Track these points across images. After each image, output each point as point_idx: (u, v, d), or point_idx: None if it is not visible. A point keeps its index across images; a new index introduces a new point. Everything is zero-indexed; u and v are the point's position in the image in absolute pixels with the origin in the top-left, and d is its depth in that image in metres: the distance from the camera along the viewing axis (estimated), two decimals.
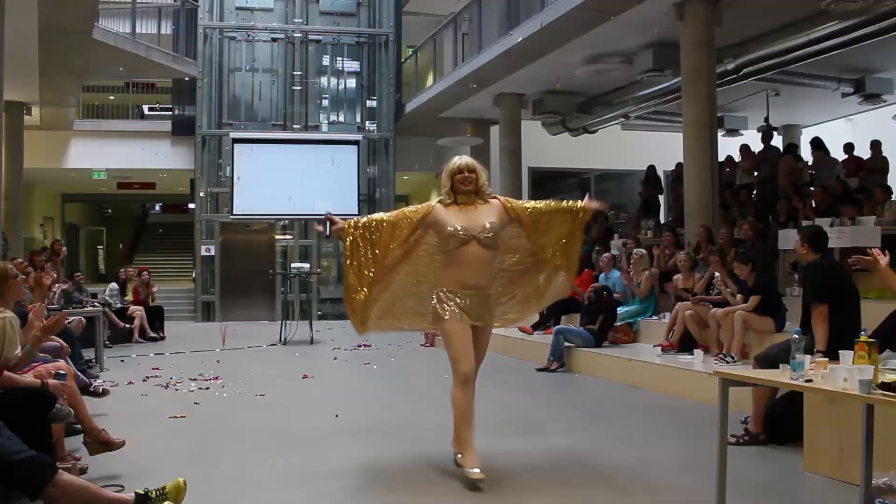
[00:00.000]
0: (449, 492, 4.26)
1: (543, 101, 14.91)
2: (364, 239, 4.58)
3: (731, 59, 11.07)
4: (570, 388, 7.91)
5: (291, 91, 17.93)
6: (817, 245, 5.31)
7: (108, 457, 4.65)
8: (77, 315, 9.44)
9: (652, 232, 12.08)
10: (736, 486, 4.03)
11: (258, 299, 17.23)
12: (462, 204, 4.51)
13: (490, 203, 4.59)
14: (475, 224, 4.42)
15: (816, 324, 5.03)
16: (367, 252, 4.58)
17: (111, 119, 20.36)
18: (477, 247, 4.40)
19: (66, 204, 25.97)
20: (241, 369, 9.16)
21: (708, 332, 7.91)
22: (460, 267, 4.44)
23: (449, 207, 4.52)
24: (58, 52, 12.59)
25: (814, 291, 5.15)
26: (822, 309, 5.03)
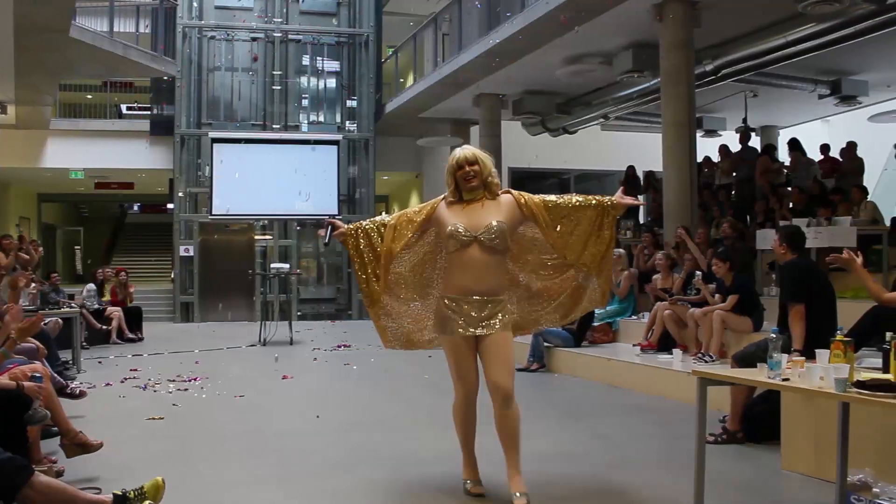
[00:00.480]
0: (427, 492, 4.26)
1: (523, 102, 14.94)
2: (366, 244, 4.22)
3: (710, 61, 11.16)
4: (550, 389, 7.93)
5: (271, 91, 17.84)
6: (795, 245, 5.36)
7: (85, 459, 4.61)
8: (54, 316, 9.34)
9: (631, 232, 12.14)
10: (714, 484, 4.05)
11: (237, 300, 17.15)
12: (468, 201, 4.10)
13: (499, 199, 4.16)
14: (478, 223, 3.96)
15: (793, 323, 5.07)
16: (369, 256, 4.22)
17: (89, 118, 20.16)
18: (479, 249, 3.93)
19: (43, 204, 25.69)
20: (220, 370, 9.11)
21: (686, 332, 7.96)
22: (462, 271, 3.97)
23: (452, 205, 4.12)
24: (34, 50, 12.45)
25: (790, 291, 5.19)
26: (799, 308, 5.07)
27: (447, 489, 4.30)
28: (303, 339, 12.54)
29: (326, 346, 11.58)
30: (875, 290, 4.84)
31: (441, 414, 6.49)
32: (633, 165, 15.33)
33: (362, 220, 4.38)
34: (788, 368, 3.59)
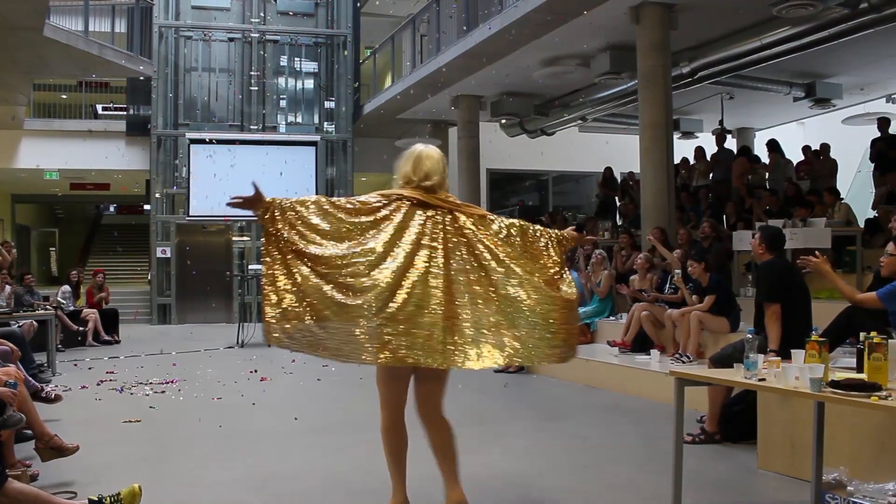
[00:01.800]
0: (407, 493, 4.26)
1: (501, 103, 14.97)
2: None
3: (687, 63, 11.24)
4: (528, 389, 7.95)
5: (248, 91, 17.75)
6: (774, 245, 5.39)
7: (60, 463, 4.57)
8: (28, 318, 9.24)
9: (609, 233, 12.21)
10: (692, 483, 4.08)
11: (215, 301, 17.04)
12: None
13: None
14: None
15: (769, 323, 5.12)
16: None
17: (63, 118, 19.95)
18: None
19: (17, 205, 25.38)
20: (197, 372, 9.05)
21: (664, 333, 8.01)
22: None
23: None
24: (6, 48, 12.31)
25: (767, 291, 5.23)
26: (775, 308, 5.11)
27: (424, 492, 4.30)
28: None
29: None
30: (847, 291, 4.90)
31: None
32: (611, 167, 15.44)
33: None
34: (764, 368, 3.63)
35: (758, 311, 5.37)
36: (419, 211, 3.65)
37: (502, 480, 4.50)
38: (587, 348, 9.08)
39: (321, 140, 17.89)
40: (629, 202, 13.33)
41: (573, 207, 18.44)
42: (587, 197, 19.86)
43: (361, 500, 4.19)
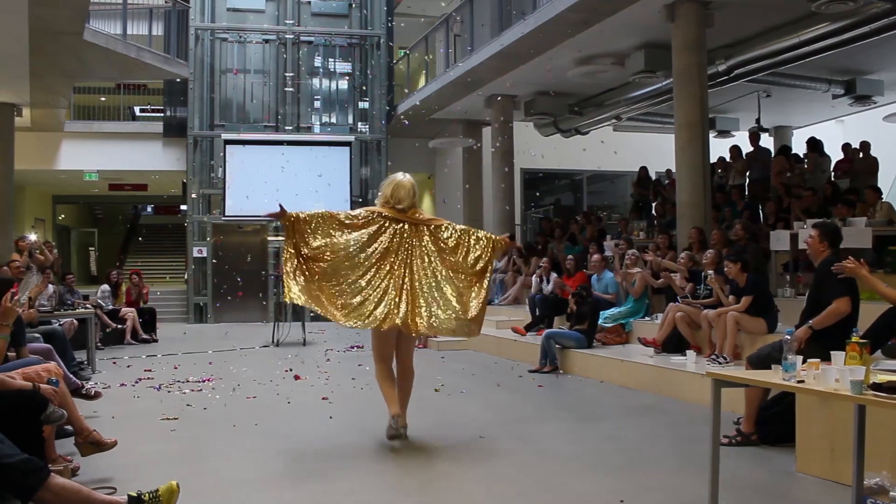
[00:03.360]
0: (443, 494, 4.26)
1: (535, 103, 14.92)
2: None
3: (723, 61, 11.12)
4: (562, 390, 7.91)
5: (283, 92, 17.89)
6: (834, 241, 5.26)
7: (99, 458, 4.64)
8: (69, 317, 9.42)
9: (644, 233, 12.11)
10: (728, 486, 4.04)
11: (251, 301, 17.20)
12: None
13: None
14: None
15: (833, 314, 4.99)
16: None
17: (102, 120, 20.27)
18: None
19: (58, 205, 25.84)
20: (233, 371, 9.14)
21: (700, 333, 7.93)
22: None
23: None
24: (48, 53, 12.53)
25: (836, 284, 5.07)
26: (847, 300, 4.99)
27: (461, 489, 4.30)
28: (315, 340, 12.57)
29: (339, 347, 11.60)
30: (889, 293, 4.82)
31: (454, 415, 6.51)
32: (646, 166, 15.32)
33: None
34: (803, 370, 3.58)
35: (811, 309, 5.24)
36: (392, 224, 5.36)
37: (536, 481, 4.48)
38: (621, 349, 9.03)
39: (355, 140, 17.99)
40: (663, 202, 13.22)
41: (608, 207, 18.34)
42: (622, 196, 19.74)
43: (396, 499, 4.19)
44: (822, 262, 5.27)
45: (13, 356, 5.48)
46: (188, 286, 17.66)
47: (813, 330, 5.09)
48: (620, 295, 9.91)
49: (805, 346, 4.97)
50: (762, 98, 13.91)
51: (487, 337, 11.26)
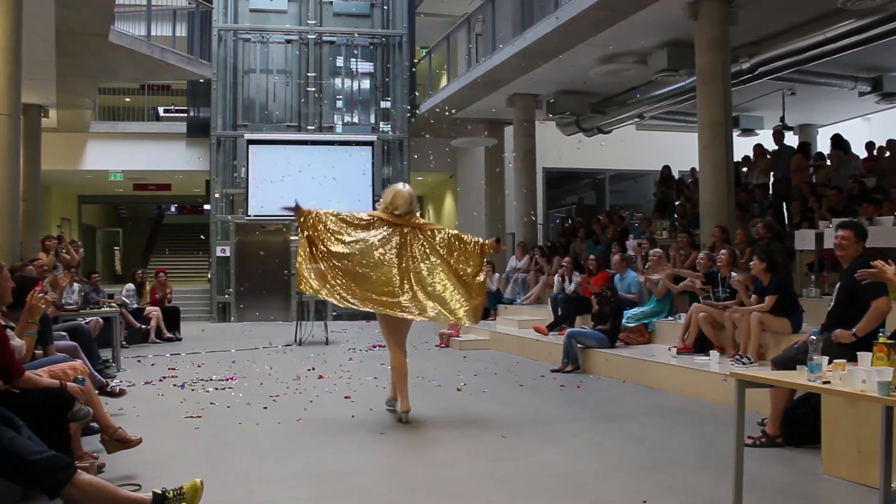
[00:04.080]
0: (465, 493, 4.27)
1: (558, 102, 14.88)
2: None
3: (747, 59, 11.03)
4: (585, 390, 7.88)
5: (305, 92, 17.97)
6: (863, 237, 5.19)
7: (124, 455, 4.69)
8: (94, 315, 9.51)
9: (667, 232, 12.04)
10: (753, 487, 4.01)
11: (273, 300, 17.30)
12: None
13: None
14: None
15: (874, 317, 4.90)
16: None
17: (127, 121, 20.48)
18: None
19: (83, 205, 26.13)
20: (256, 369, 9.19)
21: (724, 334, 7.87)
22: None
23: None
24: (74, 54, 12.67)
25: (876, 284, 4.98)
26: (886, 299, 4.90)
27: (483, 488, 4.30)
28: (338, 339, 12.61)
29: (361, 346, 11.63)
30: None
31: (476, 415, 6.51)
32: (669, 165, 15.24)
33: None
34: (829, 371, 3.54)
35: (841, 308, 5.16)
36: (390, 228, 6.15)
37: (559, 481, 4.47)
38: (645, 349, 8.98)
39: (377, 140, 18.03)
40: (685, 201, 13.14)
41: (631, 206, 18.25)
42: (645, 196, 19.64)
43: (418, 498, 4.20)
44: (858, 260, 5.15)
45: (40, 354, 5.55)
46: (211, 285, 17.78)
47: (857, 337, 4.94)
48: (643, 294, 9.86)
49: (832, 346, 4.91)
50: (787, 96, 13.78)
51: (509, 336, 11.26)
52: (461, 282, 6.22)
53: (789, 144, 12.91)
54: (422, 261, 6.17)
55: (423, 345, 11.96)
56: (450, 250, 6.24)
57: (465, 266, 6.25)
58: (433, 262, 6.19)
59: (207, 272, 18.75)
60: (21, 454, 3.38)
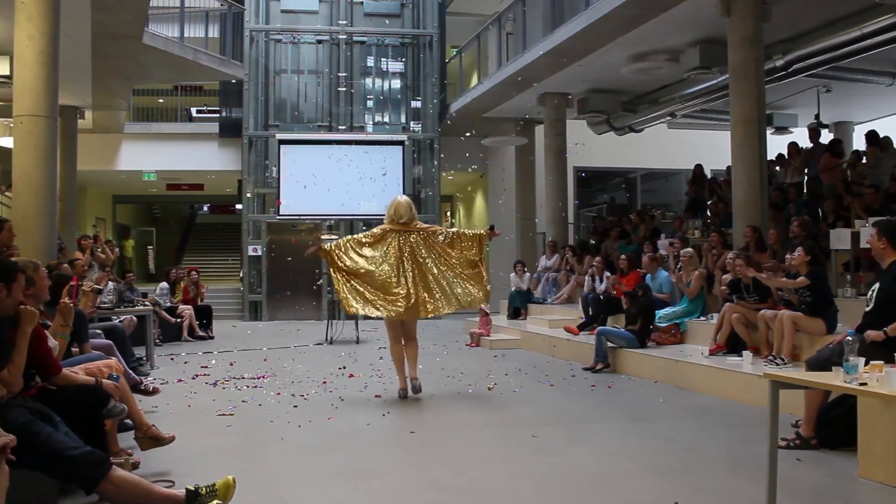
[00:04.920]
0: (495, 492, 4.26)
1: (588, 100, 14.81)
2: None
3: (781, 56, 10.89)
4: (615, 390, 7.83)
5: (336, 92, 18.06)
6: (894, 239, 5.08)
7: (158, 453, 4.75)
8: (128, 314, 9.64)
9: (699, 232, 11.93)
10: (787, 490, 3.96)
11: (305, 299, 17.40)
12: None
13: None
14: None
15: None
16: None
17: (160, 121, 20.73)
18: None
19: (118, 205, 26.49)
20: (287, 368, 9.26)
21: (758, 334, 7.77)
22: None
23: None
24: (109, 56, 12.87)
25: None
26: None
27: (513, 488, 4.29)
28: (369, 338, 12.65)
29: None
30: None
31: (506, 414, 6.50)
32: (701, 164, 15.10)
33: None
34: (866, 372, 3.49)
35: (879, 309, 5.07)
36: (398, 236, 7.12)
37: (590, 481, 4.45)
38: (676, 349, 8.91)
39: (408, 139, 18.06)
40: (717, 201, 13.00)
41: (662, 205, 18.12)
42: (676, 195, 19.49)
43: (450, 497, 4.20)
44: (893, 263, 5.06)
45: (76, 351, 5.64)
46: (243, 284, 17.94)
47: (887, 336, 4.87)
48: (675, 294, 9.78)
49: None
50: (822, 93, 13.58)
51: (540, 336, 11.23)
52: (466, 273, 7.24)
53: (824, 142, 12.71)
54: (430, 260, 7.14)
55: (453, 344, 11.98)
56: (452, 245, 7.25)
57: (469, 253, 7.23)
58: (438, 260, 7.17)
59: (239, 271, 18.91)
60: (58, 449, 3.44)
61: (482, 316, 12.10)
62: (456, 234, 7.32)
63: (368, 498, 4.21)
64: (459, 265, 7.23)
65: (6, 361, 3.71)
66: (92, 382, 4.29)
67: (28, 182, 8.46)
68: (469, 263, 7.25)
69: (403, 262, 7.06)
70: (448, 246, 7.22)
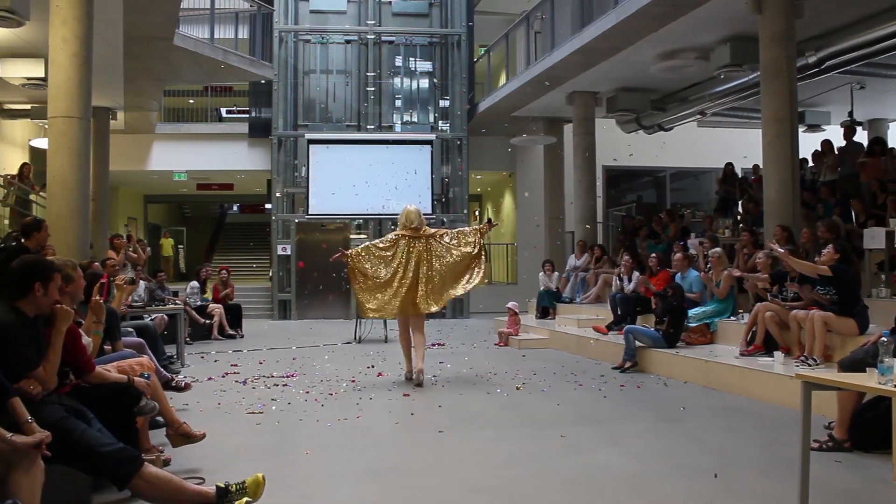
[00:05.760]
0: (524, 493, 4.25)
1: (617, 99, 14.73)
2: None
3: (813, 52, 10.76)
4: (645, 390, 7.78)
5: (365, 92, 18.12)
6: None
7: (189, 450, 4.80)
8: (159, 312, 9.75)
9: (729, 231, 11.81)
10: (819, 493, 3.91)
11: (333, 298, 17.48)
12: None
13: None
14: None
15: None
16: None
17: (191, 122, 20.94)
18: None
19: (149, 205, 26.80)
20: (316, 367, 9.31)
21: (790, 334, 7.68)
22: None
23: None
24: (141, 58, 13.01)
25: None
26: None
27: (542, 488, 4.28)
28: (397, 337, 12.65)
29: None
30: None
31: (534, 414, 6.48)
32: (732, 162, 14.96)
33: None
34: None
35: None
36: (410, 240, 8.08)
37: (619, 482, 4.43)
38: (706, 349, 8.83)
39: (436, 139, 18.08)
40: (748, 200, 12.86)
41: (692, 204, 17.97)
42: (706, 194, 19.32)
43: (479, 497, 4.20)
44: None
45: (109, 350, 5.72)
46: (272, 283, 18.06)
47: None
48: (705, 294, 9.70)
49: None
50: (855, 90, 13.40)
51: (568, 335, 11.19)
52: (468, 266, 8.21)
53: (857, 140, 12.53)
54: (437, 260, 8.12)
55: (481, 343, 11.97)
56: (456, 242, 8.20)
57: (467, 246, 8.18)
58: (444, 260, 8.14)
59: (269, 270, 19.03)
60: (92, 445, 3.49)
61: (510, 315, 12.09)
62: (459, 231, 8.38)
63: (396, 497, 4.22)
64: (461, 260, 8.16)
65: (42, 359, 3.78)
66: (124, 380, 4.34)
67: (62, 182, 8.59)
68: (470, 257, 8.19)
69: (411, 264, 8.02)
70: (453, 243, 8.18)
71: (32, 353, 3.75)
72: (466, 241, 8.21)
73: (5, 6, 8.27)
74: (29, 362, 3.70)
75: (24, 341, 3.70)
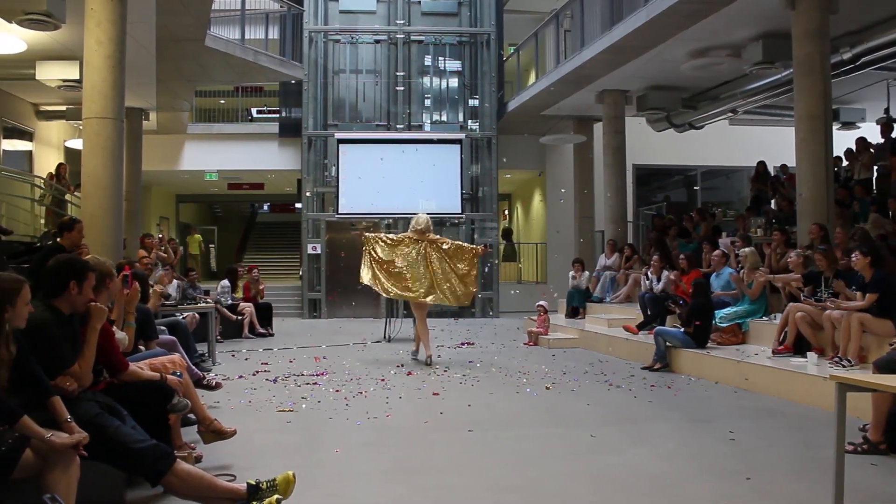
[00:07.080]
0: (552, 492, 4.24)
1: (648, 97, 14.62)
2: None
3: (848, 49, 10.60)
4: (675, 389, 7.73)
5: (394, 91, 18.16)
6: None
7: (220, 447, 4.84)
8: (191, 311, 9.85)
9: (762, 230, 11.68)
10: (854, 496, 3.86)
11: (363, 297, 17.51)
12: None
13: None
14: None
15: None
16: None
17: (222, 122, 21.11)
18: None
19: (180, 204, 27.04)
20: (346, 365, 9.35)
21: (823, 335, 7.58)
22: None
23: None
24: (172, 59, 13.15)
25: None
26: None
27: (569, 488, 4.27)
28: None
29: (450, 344, 11.69)
30: None
31: (564, 413, 6.46)
32: (764, 161, 14.80)
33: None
34: None
35: None
36: (417, 242, 9.41)
37: (649, 482, 4.40)
38: (737, 349, 8.75)
39: (466, 138, 18.08)
40: (781, 199, 12.71)
41: (723, 203, 17.81)
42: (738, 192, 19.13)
43: (507, 497, 4.20)
44: None
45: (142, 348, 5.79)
46: (303, 282, 18.16)
47: None
48: (739, 293, 9.60)
49: None
50: (892, 86, 13.18)
51: (598, 335, 11.15)
52: (460, 278, 9.42)
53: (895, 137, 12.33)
54: (437, 263, 9.36)
55: (511, 343, 11.95)
56: (454, 254, 9.44)
57: (461, 264, 9.42)
58: (444, 264, 9.37)
59: (299, 269, 19.14)
60: (125, 442, 3.54)
61: (540, 314, 12.06)
62: (458, 246, 9.58)
63: (425, 495, 4.23)
64: (454, 273, 9.40)
65: (77, 356, 3.84)
66: (157, 378, 4.40)
67: (96, 182, 8.71)
68: (460, 274, 9.41)
69: (417, 263, 9.34)
70: (449, 255, 9.40)
71: (68, 350, 3.81)
72: (462, 257, 9.44)
73: (42, 10, 8.41)
74: (65, 359, 3.77)
75: (60, 338, 3.77)
